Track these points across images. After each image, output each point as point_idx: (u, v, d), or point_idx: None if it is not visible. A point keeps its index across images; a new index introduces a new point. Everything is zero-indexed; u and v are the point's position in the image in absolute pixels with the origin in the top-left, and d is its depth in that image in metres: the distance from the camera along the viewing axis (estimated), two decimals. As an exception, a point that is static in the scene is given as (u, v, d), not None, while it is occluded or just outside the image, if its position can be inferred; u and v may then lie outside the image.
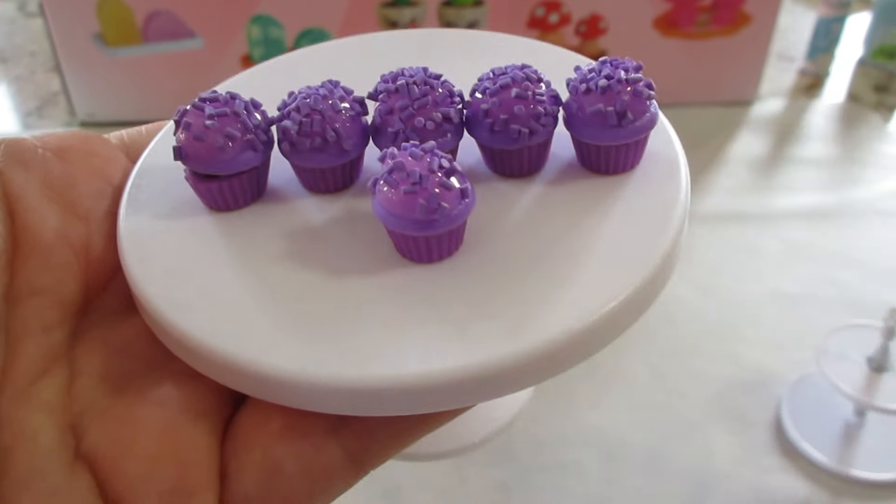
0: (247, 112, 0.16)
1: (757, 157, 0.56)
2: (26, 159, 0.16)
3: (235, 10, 0.53)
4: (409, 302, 0.14)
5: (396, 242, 0.15)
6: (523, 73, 0.16)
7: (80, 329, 0.16)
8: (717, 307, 0.43)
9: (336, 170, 0.16)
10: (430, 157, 0.14)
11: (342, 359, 0.14)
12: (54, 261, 0.16)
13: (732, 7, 0.56)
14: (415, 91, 0.15)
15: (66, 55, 0.54)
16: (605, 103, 0.15)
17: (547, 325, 0.14)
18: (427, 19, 0.55)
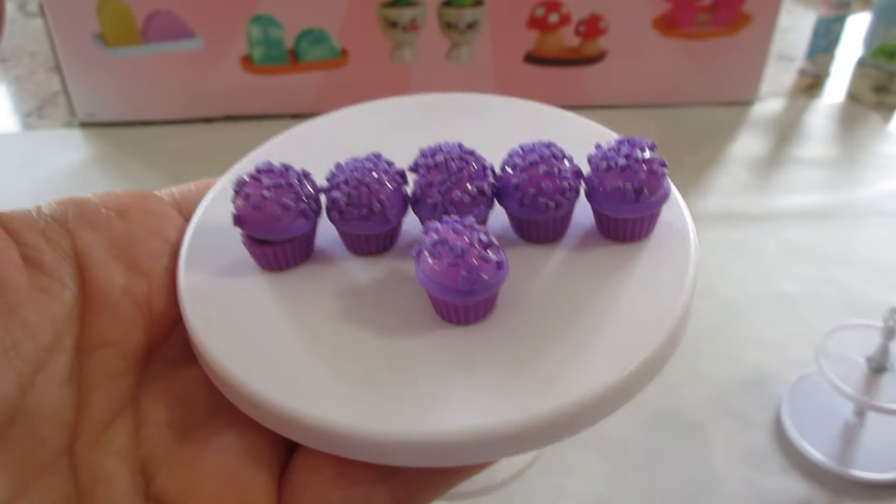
0: (299, 183, 0.17)
1: (757, 157, 0.56)
2: (92, 219, 0.18)
3: (235, 10, 0.53)
4: (448, 360, 0.16)
5: (436, 305, 0.17)
6: (549, 152, 0.17)
7: (144, 378, 0.17)
8: (717, 307, 0.43)
9: (379, 235, 0.18)
10: (470, 232, 0.16)
11: (392, 414, 0.15)
12: (121, 315, 0.17)
13: (732, 7, 0.56)
14: (452, 166, 0.17)
15: (66, 55, 0.54)
16: (624, 180, 0.17)
17: (575, 385, 0.15)
18: (427, 20, 0.55)
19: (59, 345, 0.16)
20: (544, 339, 0.16)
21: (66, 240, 0.17)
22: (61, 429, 0.16)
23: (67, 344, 0.16)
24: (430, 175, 0.17)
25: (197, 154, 0.55)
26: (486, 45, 0.56)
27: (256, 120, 0.59)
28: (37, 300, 0.16)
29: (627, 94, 0.60)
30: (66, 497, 0.15)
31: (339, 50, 0.56)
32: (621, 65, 0.58)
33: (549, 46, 0.57)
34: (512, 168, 0.17)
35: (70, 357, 0.16)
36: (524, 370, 0.16)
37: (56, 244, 0.17)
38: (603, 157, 0.17)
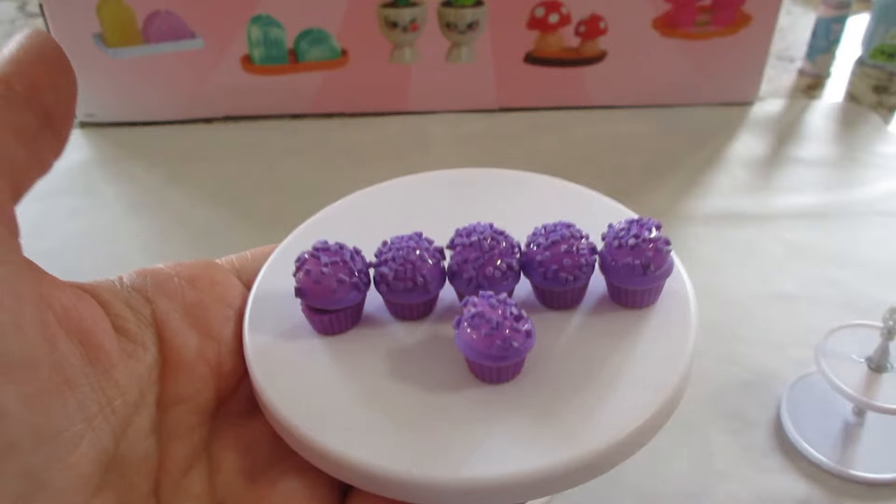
0: (352, 259, 0.20)
1: (757, 157, 0.56)
2: (167, 289, 0.20)
3: (235, 10, 0.53)
4: (483, 415, 0.18)
5: (472, 367, 0.19)
6: (569, 232, 0.20)
7: (215, 429, 0.20)
8: (717, 307, 0.43)
9: (420, 304, 0.20)
10: (504, 307, 0.18)
11: (434, 460, 0.17)
12: (195, 375, 0.19)
13: (732, 7, 0.56)
14: (485, 245, 0.20)
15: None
16: (634, 257, 0.19)
17: (592, 437, 0.17)
18: (427, 20, 0.55)
19: (144, 402, 0.18)
20: (565, 396, 0.18)
21: (146, 308, 0.19)
22: (147, 475, 0.18)
23: (150, 401, 0.19)
24: (465, 252, 0.20)
25: (197, 154, 0.55)
26: (486, 45, 0.56)
27: (256, 120, 0.59)
28: (125, 363, 0.18)
29: (627, 94, 0.60)
30: None
31: (339, 50, 0.56)
32: (621, 65, 0.58)
33: (549, 46, 0.57)
34: (536, 246, 0.20)
35: (152, 412, 0.19)
36: (548, 424, 0.18)
37: (138, 312, 0.19)
38: (615, 237, 0.20)
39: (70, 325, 0.17)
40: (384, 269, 0.20)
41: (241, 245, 0.48)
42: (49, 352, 0.16)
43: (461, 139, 0.57)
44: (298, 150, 0.56)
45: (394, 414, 0.18)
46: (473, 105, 0.59)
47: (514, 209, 0.22)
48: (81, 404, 0.17)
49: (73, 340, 0.17)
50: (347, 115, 0.59)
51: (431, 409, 0.18)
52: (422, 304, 0.20)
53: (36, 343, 0.16)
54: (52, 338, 0.16)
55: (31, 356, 0.16)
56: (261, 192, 0.52)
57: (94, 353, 0.18)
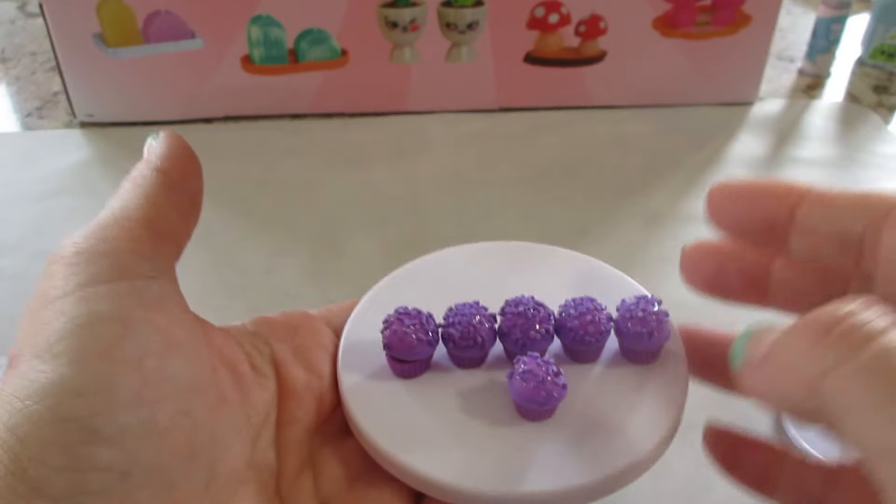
0: (427, 322, 0.25)
1: (757, 157, 0.56)
2: (280, 334, 0.26)
3: (235, 10, 0.53)
4: (527, 444, 0.24)
5: (519, 409, 0.24)
6: (592, 305, 0.25)
7: (316, 445, 0.25)
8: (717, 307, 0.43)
9: (477, 357, 0.26)
10: (546, 366, 0.24)
11: (489, 476, 0.23)
12: (303, 402, 0.25)
13: (732, 7, 0.56)
14: (528, 314, 0.25)
15: (66, 55, 0.54)
16: (642, 326, 0.25)
17: (609, 462, 0.23)
18: (427, 20, 0.55)
19: (268, 420, 0.24)
20: (588, 431, 0.24)
21: (266, 349, 0.25)
22: (271, 476, 0.23)
23: (272, 420, 0.24)
24: (514, 319, 0.25)
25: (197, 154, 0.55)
26: (486, 45, 0.56)
27: (256, 120, 0.59)
28: (257, 390, 0.24)
29: (627, 94, 0.60)
30: None
31: (339, 50, 0.56)
32: (621, 65, 0.58)
33: (549, 46, 0.57)
34: (567, 315, 0.25)
35: (273, 429, 0.24)
36: (577, 452, 0.23)
37: (261, 351, 0.25)
38: (627, 310, 0.25)
39: (223, 359, 0.23)
40: (452, 331, 0.25)
41: (241, 245, 0.48)
42: (214, 378, 0.22)
43: (461, 139, 0.57)
44: (298, 150, 0.56)
45: (458, 440, 0.24)
46: (473, 105, 0.59)
47: (546, 279, 0.29)
48: (233, 418, 0.22)
49: (226, 370, 0.23)
50: (347, 115, 0.59)
51: (487, 437, 0.24)
52: (478, 357, 0.26)
53: (207, 371, 0.22)
54: (215, 368, 0.22)
55: (206, 380, 0.21)
56: (261, 192, 0.52)
57: (238, 380, 0.23)
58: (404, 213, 0.50)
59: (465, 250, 0.30)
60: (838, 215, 0.21)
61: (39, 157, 0.55)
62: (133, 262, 0.21)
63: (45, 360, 0.19)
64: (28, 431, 0.18)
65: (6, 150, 0.56)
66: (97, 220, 0.22)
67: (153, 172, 0.23)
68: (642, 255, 0.47)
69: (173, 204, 0.23)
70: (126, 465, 0.18)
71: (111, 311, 0.20)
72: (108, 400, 0.19)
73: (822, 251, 0.21)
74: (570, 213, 0.50)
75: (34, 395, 0.18)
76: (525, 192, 0.52)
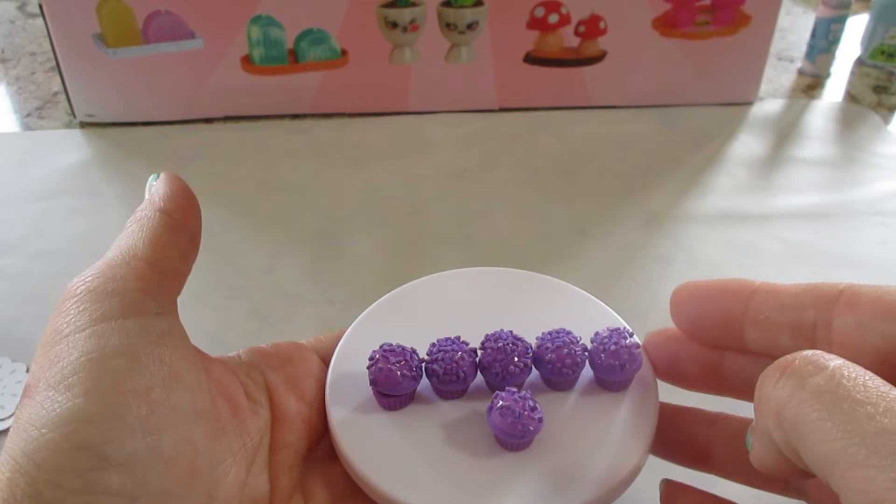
0: (411, 358, 0.26)
1: (757, 157, 0.56)
2: (272, 364, 0.27)
3: (235, 10, 0.53)
4: (506, 474, 0.25)
5: (498, 440, 0.26)
6: (569, 339, 0.27)
7: (306, 470, 0.26)
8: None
9: (459, 390, 0.27)
10: (524, 401, 0.25)
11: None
12: (294, 428, 0.26)
13: (732, 7, 0.56)
14: (508, 349, 0.26)
15: (66, 55, 0.54)
16: (615, 359, 0.26)
17: (584, 489, 0.24)
18: (427, 20, 0.55)
19: (262, 445, 0.25)
20: (564, 460, 0.25)
21: (260, 378, 0.27)
22: (265, 499, 0.24)
23: (265, 445, 0.25)
24: (493, 354, 0.27)
25: (197, 154, 0.55)
26: (486, 45, 0.56)
27: (256, 120, 0.59)
28: (252, 417, 0.25)
29: (627, 94, 0.60)
30: None
31: (339, 50, 0.56)
32: (621, 65, 0.58)
33: (549, 46, 0.57)
34: (545, 348, 0.27)
35: (266, 454, 0.25)
36: (553, 479, 0.25)
37: (255, 380, 0.26)
38: (601, 343, 0.27)
39: (221, 389, 0.24)
40: (435, 367, 0.27)
41: (241, 245, 0.48)
42: (213, 407, 0.23)
43: (461, 139, 0.57)
44: (298, 150, 0.56)
45: (440, 470, 0.25)
46: (473, 105, 0.59)
47: (524, 306, 0.30)
48: (230, 444, 0.24)
49: (224, 399, 0.24)
50: (347, 115, 0.59)
51: (468, 468, 0.25)
52: (460, 389, 0.27)
53: (207, 401, 0.23)
54: (214, 398, 0.24)
55: (206, 409, 0.23)
56: (261, 192, 0.52)
57: (234, 408, 0.24)
58: (404, 213, 0.50)
59: (444, 277, 0.32)
60: (790, 305, 0.23)
61: (39, 157, 0.55)
62: (140, 301, 0.22)
63: (60, 391, 0.20)
64: (44, 457, 0.19)
65: (6, 150, 0.56)
66: (106, 258, 0.23)
67: (157, 213, 0.24)
68: (642, 255, 0.47)
69: (176, 244, 0.24)
70: (134, 489, 0.20)
71: (120, 346, 0.21)
72: (118, 428, 0.20)
73: (778, 341, 0.23)
74: (570, 213, 0.50)
75: (50, 423, 0.20)
76: (525, 192, 0.52)
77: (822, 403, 0.17)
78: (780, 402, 0.18)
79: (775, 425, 0.18)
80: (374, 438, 0.26)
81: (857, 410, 0.16)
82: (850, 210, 0.51)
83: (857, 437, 0.16)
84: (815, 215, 0.50)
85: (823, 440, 0.17)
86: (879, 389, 0.17)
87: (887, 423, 0.16)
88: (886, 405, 0.16)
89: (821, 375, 0.18)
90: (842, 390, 0.17)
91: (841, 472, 0.16)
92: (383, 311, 0.30)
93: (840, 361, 0.18)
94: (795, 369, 0.18)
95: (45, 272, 0.45)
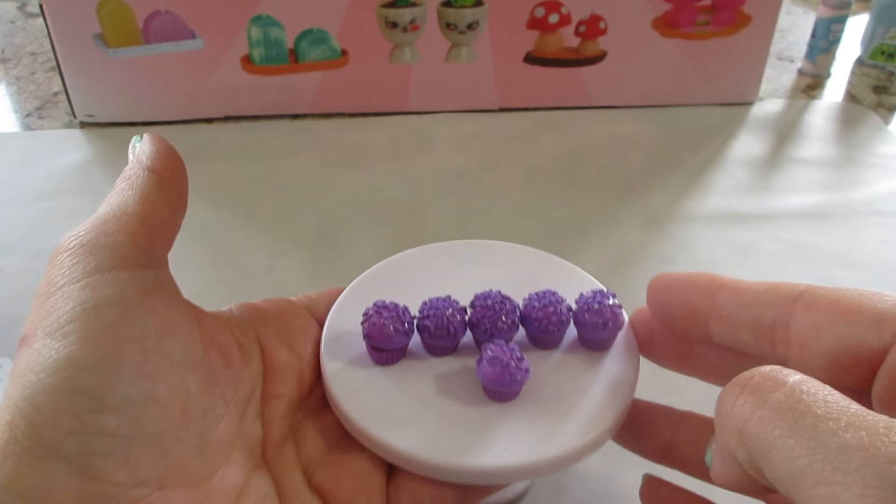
0: (403, 314, 0.27)
1: (757, 157, 0.56)
2: (265, 319, 0.28)
3: (235, 10, 0.53)
4: (492, 423, 0.26)
5: (486, 391, 0.27)
6: (554, 298, 0.28)
7: (298, 418, 0.27)
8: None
9: (450, 346, 0.28)
10: (511, 352, 0.26)
11: (456, 451, 0.25)
12: (286, 379, 0.27)
13: (732, 7, 0.56)
14: (496, 307, 0.28)
15: (66, 55, 0.54)
16: (598, 318, 0.27)
17: (565, 439, 0.26)
18: (427, 20, 0.55)
19: (254, 395, 0.26)
20: (548, 412, 0.26)
21: (252, 332, 0.27)
22: (257, 444, 0.26)
23: (257, 395, 0.26)
24: (483, 311, 0.28)
25: (197, 154, 0.55)
26: (486, 45, 0.56)
27: (256, 120, 0.59)
28: (244, 368, 0.26)
29: (627, 94, 0.60)
30: (271, 483, 0.25)
31: (339, 50, 0.56)
32: (621, 65, 0.58)
33: (549, 47, 0.57)
34: (531, 307, 0.28)
35: (258, 403, 0.26)
36: (537, 429, 0.26)
37: (248, 334, 0.27)
38: (585, 303, 0.28)
39: (213, 340, 0.25)
40: (427, 322, 0.28)
41: (241, 245, 0.48)
42: (205, 357, 0.24)
43: (461, 139, 0.57)
44: (298, 150, 0.56)
45: (428, 417, 0.26)
46: (473, 105, 0.59)
47: (511, 274, 0.31)
48: (222, 392, 0.25)
49: (216, 350, 0.25)
50: (347, 115, 0.59)
51: (457, 416, 0.26)
52: (450, 346, 0.28)
53: (199, 350, 0.24)
54: (206, 348, 0.24)
55: (198, 358, 0.24)
56: (261, 192, 0.52)
57: (226, 359, 0.25)
58: (404, 213, 0.50)
59: (436, 248, 0.33)
60: (752, 303, 0.24)
61: (39, 157, 0.55)
62: (132, 254, 0.23)
63: (57, 338, 0.21)
64: (43, 401, 0.20)
65: (6, 150, 0.56)
66: (98, 214, 0.24)
67: (145, 172, 0.25)
68: (642, 255, 0.47)
69: (165, 200, 0.25)
70: (130, 431, 0.21)
71: (114, 296, 0.22)
72: (114, 373, 0.21)
73: (740, 337, 0.24)
74: (570, 212, 0.50)
75: (47, 369, 0.20)
76: (525, 192, 0.52)
77: (784, 420, 0.17)
78: (742, 419, 0.18)
79: (737, 444, 0.18)
80: (367, 389, 0.27)
81: (819, 426, 0.16)
82: (850, 210, 0.51)
83: (820, 454, 0.16)
84: (815, 215, 0.50)
85: (787, 457, 0.17)
86: (840, 404, 0.17)
87: (849, 439, 0.16)
88: (847, 420, 0.16)
89: (781, 392, 0.18)
90: (802, 406, 0.17)
91: (806, 489, 0.16)
92: (379, 274, 0.32)
93: (799, 377, 0.18)
94: (755, 386, 0.18)
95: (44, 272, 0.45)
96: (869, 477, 0.15)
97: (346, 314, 0.30)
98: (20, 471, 0.20)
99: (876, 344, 0.21)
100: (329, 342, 0.29)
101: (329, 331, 0.29)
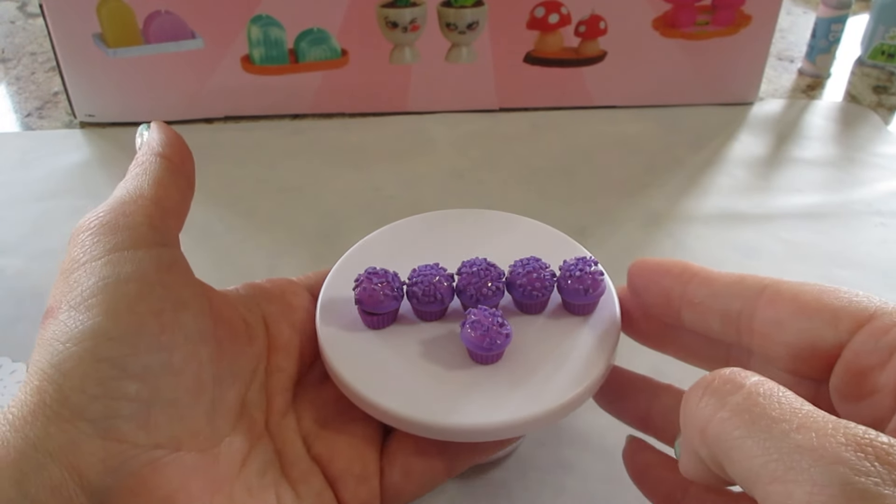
0: (393, 280, 0.29)
1: (757, 157, 0.56)
2: (269, 297, 0.30)
3: (235, 10, 0.53)
4: (477, 384, 0.28)
5: (471, 354, 0.28)
6: (538, 265, 0.29)
7: (298, 391, 0.30)
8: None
9: (438, 311, 0.30)
10: (493, 317, 0.27)
11: (446, 411, 0.27)
12: (288, 354, 0.29)
13: (732, 7, 0.56)
14: (482, 274, 0.29)
15: (66, 55, 0.54)
16: (580, 284, 0.29)
17: (547, 398, 0.27)
18: (427, 20, 0.55)
19: (258, 369, 0.28)
20: (530, 373, 0.28)
21: (257, 309, 0.29)
22: (261, 415, 0.28)
23: (261, 369, 0.28)
24: (469, 278, 0.29)
25: (197, 154, 0.55)
26: (486, 45, 0.56)
27: (256, 120, 0.59)
28: (250, 343, 0.28)
29: (627, 94, 0.60)
30: (273, 451, 0.27)
31: (339, 50, 0.56)
32: (621, 65, 0.58)
33: (549, 47, 0.57)
34: (516, 273, 0.29)
35: (262, 376, 0.28)
36: (521, 390, 0.27)
37: (253, 311, 0.29)
38: (568, 269, 0.29)
39: (222, 316, 0.27)
40: (415, 289, 0.29)
41: (241, 244, 0.48)
42: (215, 331, 0.26)
43: (461, 139, 0.57)
44: (298, 150, 0.56)
45: (415, 379, 0.28)
46: (473, 105, 0.59)
47: (498, 241, 0.33)
48: (230, 365, 0.26)
49: (224, 326, 0.27)
50: (347, 115, 0.59)
51: (444, 379, 0.28)
52: (438, 311, 0.30)
53: (210, 325, 0.26)
54: (216, 324, 0.26)
55: (208, 332, 0.25)
56: (261, 192, 0.52)
57: (234, 335, 0.27)
58: (404, 213, 0.50)
59: (424, 218, 0.34)
60: (721, 293, 0.25)
61: (39, 157, 0.55)
62: (148, 234, 0.25)
63: (81, 311, 0.23)
64: (70, 367, 0.22)
65: (6, 150, 0.56)
66: (115, 197, 0.26)
67: (157, 158, 0.27)
68: (642, 255, 0.47)
69: (176, 184, 0.27)
70: (149, 396, 0.23)
71: (133, 273, 0.23)
72: (135, 343, 0.23)
73: (709, 324, 0.26)
74: (570, 213, 0.50)
75: (73, 338, 0.22)
76: (525, 192, 0.52)
77: (741, 421, 0.18)
78: (704, 420, 0.19)
79: (700, 442, 0.20)
80: (361, 354, 0.29)
81: (773, 428, 0.17)
82: (850, 210, 0.51)
83: (775, 454, 0.17)
84: (815, 215, 0.50)
85: (746, 457, 0.18)
86: (792, 405, 0.18)
87: (801, 440, 0.17)
88: (800, 421, 0.17)
89: (739, 394, 0.19)
90: (758, 408, 0.18)
91: (763, 487, 0.17)
92: (370, 245, 0.34)
93: (756, 379, 0.19)
94: (715, 389, 0.19)
95: (45, 272, 0.45)
96: (818, 476, 0.16)
97: (340, 283, 0.31)
98: (49, 431, 0.21)
99: (832, 339, 0.22)
100: (324, 309, 0.30)
101: (324, 298, 0.31)
